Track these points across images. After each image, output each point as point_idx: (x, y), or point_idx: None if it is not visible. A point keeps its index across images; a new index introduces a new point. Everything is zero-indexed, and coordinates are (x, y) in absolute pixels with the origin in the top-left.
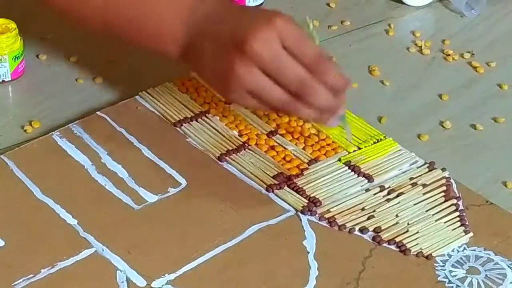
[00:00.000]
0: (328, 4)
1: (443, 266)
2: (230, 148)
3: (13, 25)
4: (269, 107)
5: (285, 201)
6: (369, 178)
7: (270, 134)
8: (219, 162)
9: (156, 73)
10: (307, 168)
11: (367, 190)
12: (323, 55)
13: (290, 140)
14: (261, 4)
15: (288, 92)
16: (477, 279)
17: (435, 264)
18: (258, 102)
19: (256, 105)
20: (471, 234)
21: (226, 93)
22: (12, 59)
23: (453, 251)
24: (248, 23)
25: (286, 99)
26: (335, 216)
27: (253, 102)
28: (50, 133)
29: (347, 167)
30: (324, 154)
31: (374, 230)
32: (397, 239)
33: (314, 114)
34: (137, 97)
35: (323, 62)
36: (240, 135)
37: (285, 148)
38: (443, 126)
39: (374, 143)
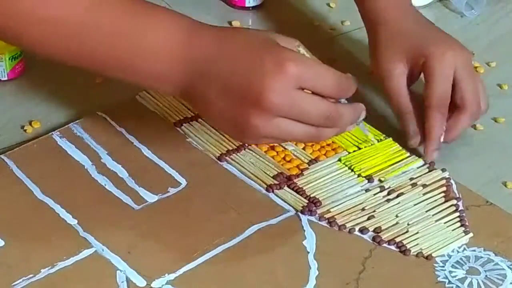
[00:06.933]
0: (328, 4)
1: (443, 266)
2: (230, 148)
3: None
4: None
5: (285, 201)
6: (369, 178)
7: None
8: (219, 162)
9: None
10: (307, 168)
11: (367, 190)
12: (340, 79)
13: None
14: (261, 4)
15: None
16: (477, 280)
17: (435, 265)
18: (276, 141)
19: (274, 142)
20: (471, 234)
21: (239, 138)
22: (9, 59)
23: (453, 251)
24: (258, 73)
25: (310, 132)
26: (335, 216)
27: (270, 141)
28: (50, 133)
29: (347, 167)
30: (324, 154)
31: (374, 230)
32: (397, 239)
33: (339, 132)
34: (137, 97)
35: (343, 86)
36: None
37: (285, 148)
38: None
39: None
